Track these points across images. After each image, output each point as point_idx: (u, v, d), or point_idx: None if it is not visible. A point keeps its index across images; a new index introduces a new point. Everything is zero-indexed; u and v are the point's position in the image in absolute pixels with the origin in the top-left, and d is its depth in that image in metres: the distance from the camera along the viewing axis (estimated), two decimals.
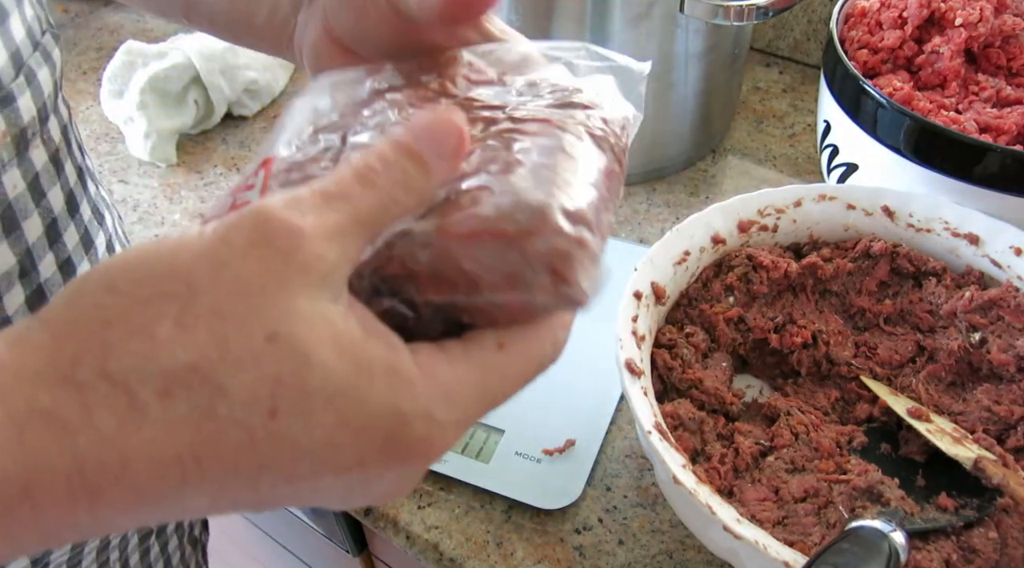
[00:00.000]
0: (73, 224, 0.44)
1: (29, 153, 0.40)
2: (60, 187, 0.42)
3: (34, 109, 0.39)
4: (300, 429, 0.23)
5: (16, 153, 0.38)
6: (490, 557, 0.51)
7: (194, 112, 0.82)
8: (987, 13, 0.61)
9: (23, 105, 0.38)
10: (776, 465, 0.49)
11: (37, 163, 0.40)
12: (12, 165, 0.38)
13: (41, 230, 0.41)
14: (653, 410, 0.46)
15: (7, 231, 0.39)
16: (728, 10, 0.63)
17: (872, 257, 0.56)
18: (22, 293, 0.40)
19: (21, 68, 0.38)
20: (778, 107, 0.86)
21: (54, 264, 0.42)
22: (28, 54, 0.39)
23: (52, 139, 0.41)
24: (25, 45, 0.39)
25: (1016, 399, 0.50)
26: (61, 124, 0.43)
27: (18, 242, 0.39)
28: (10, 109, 0.38)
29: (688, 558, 0.51)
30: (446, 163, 0.26)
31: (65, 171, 0.43)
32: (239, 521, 0.99)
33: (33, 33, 0.40)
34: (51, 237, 0.42)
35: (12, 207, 0.39)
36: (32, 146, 0.40)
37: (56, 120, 0.42)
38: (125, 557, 0.56)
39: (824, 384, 0.55)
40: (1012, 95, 0.60)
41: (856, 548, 0.40)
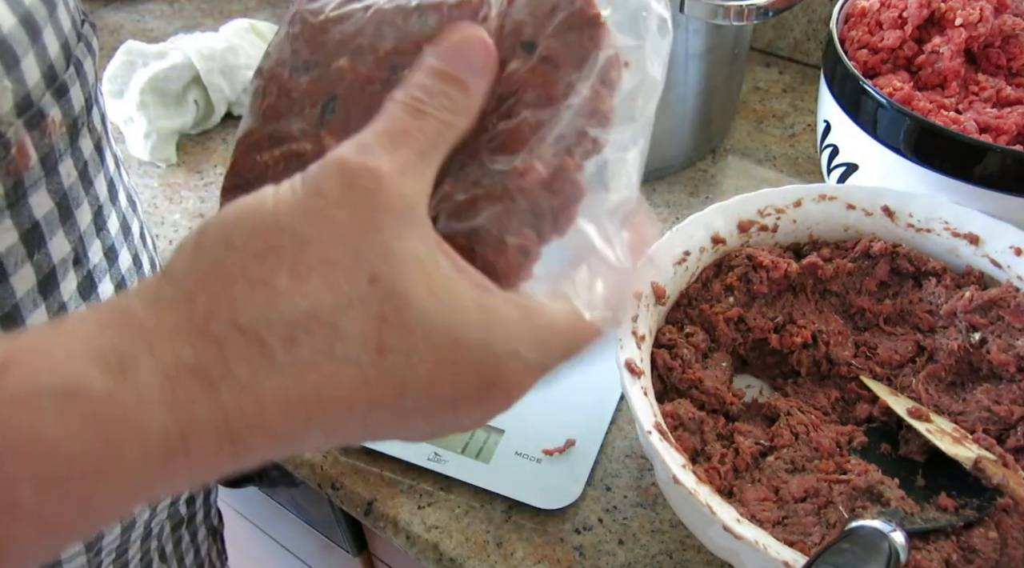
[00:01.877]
0: (115, 211, 0.45)
1: (79, 142, 0.40)
2: (103, 175, 0.43)
3: (83, 98, 0.40)
4: (404, 365, 0.24)
5: (70, 142, 0.39)
6: (490, 557, 0.51)
7: (194, 112, 0.82)
8: (987, 13, 0.61)
9: (74, 95, 0.39)
10: (776, 465, 0.49)
11: (85, 152, 0.41)
12: (67, 154, 0.39)
13: (90, 217, 0.42)
14: (653, 410, 0.46)
15: (63, 219, 0.39)
16: (728, 10, 0.63)
17: (872, 257, 0.56)
18: (75, 280, 0.41)
19: (70, 58, 0.39)
20: (778, 107, 0.86)
21: (101, 251, 0.43)
22: (75, 44, 0.40)
23: (95, 128, 0.42)
24: (72, 35, 0.39)
25: (1016, 399, 0.50)
26: (101, 113, 0.44)
27: (72, 229, 0.40)
28: (64, 99, 0.38)
29: (688, 558, 0.51)
30: (482, 78, 0.28)
31: (106, 159, 0.44)
32: (239, 521, 0.99)
33: (76, 23, 0.41)
34: (98, 224, 0.43)
35: (67, 196, 0.39)
36: (81, 136, 0.40)
37: (97, 109, 0.43)
38: (161, 545, 0.57)
39: (824, 384, 0.55)
40: (1012, 95, 0.60)
41: (856, 548, 0.40)
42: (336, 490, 0.56)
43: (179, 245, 0.25)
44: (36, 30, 0.36)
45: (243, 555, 1.09)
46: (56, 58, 0.37)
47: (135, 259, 0.48)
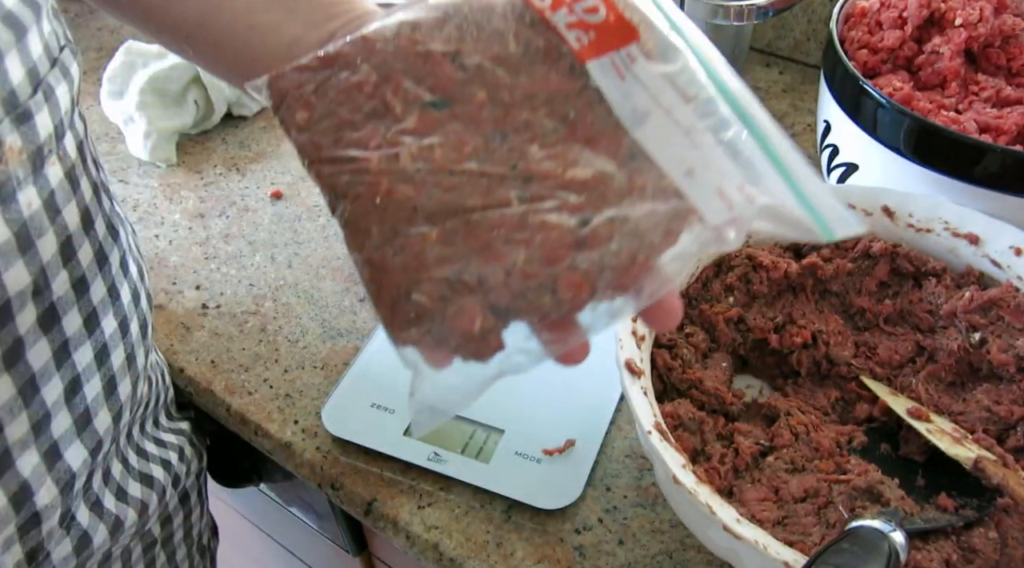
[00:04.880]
0: (88, 241, 0.43)
1: (45, 170, 0.39)
2: (75, 204, 0.42)
3: (51, 126, 0.39)
4: None
5: (32, 170, 0.38)
6: (490, 557, 0.51)
7: (194, 112, 0.82)
8: (987, 13, 0.61)
9: (40, 122, 0.38)
10: (776, 465, 0.49)
11: (52, 180, 0.39)
12: (28, 183, 0.38)
13: (56, 248, 0.40)
14: (653, 410, 0.46)
15: (22, 249, 0.38)
16: (728, 10, 0.63)
17: (872, 257, 0.56)
18: (34, 312, 0.40)
19: (39, 84, 0.38)
20: (778, 107, 0.86)
21: (68, 282, 0.42)
22: (46, 70, 0.39)
23: (68, 155, 0.41)
24: (42, 61, 0.38)
25: (1016, 399, 0.50)
26: (77, 140, 0.42)
27: (33, 260, 0.39)
28: (27, 126, 0.37)
29: (688, 558, 0.51)
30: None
31: (81, 187, 0.42)
32: (240, 521, 0.99)
33: (51, 49, 0.40)
34: (65, 255, 0.41)
35: (27, 225, 0.38)
36: (48, 163, 0.39)
37: (72, 136, 0.42)
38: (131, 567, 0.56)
39: (824, 384, 0.55)
40: (1012, 95, 0.60)
41: (856, 548, 0.40)
42: (336, 490, 0.56)
43: None
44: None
45: (243, 555, 1.09)
46: (20, 84, 0.36)
47: (111, 290, 0.46)
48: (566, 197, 0.32)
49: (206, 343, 0.65)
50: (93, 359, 0.45)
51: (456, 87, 0.34)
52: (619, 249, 0.31)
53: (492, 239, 0.31)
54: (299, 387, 0.62)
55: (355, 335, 0.65)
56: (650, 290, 0.32)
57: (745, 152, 0.33)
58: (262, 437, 0.60)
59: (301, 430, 0.59)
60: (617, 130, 0.33)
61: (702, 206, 0.32)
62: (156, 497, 0.56)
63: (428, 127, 0.33)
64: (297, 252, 0.72)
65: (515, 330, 0.32)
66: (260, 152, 0.83)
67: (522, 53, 0.35)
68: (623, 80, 0.34)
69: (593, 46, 0.34)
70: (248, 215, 0.76)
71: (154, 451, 0.57)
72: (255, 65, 0.41)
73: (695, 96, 0.34)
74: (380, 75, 0.34)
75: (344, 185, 0.33)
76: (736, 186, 0.32)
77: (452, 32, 0.35)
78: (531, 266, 0.31)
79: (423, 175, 0.33)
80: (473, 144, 0.33)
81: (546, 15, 0.35)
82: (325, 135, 0.34)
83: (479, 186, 0.32)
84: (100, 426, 0.46)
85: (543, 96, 0.34)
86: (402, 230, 0.32)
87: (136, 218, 0.76)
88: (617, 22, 0.34)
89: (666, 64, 0.34)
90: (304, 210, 0.76)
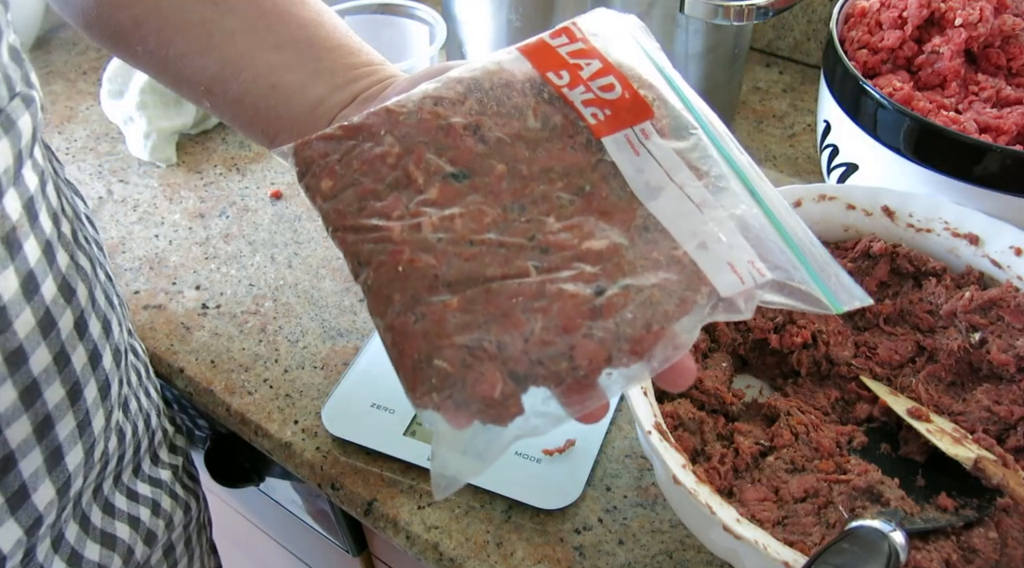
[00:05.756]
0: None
1: (1, 201, 0.37)
2: (14, 271, 0.38)
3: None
4: None
5: None
6: (490, 557, 0.51)
7: (194, 112, 0.82)
8: (987, 13, 0.61)
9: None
10: (776, 465, 0.49)
11: (13, 216, 0.37)
12: None
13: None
14: (653, 410, 0.46)
15: None
16: (728, 10, 0.63)
17: (872, 257, 0.56)
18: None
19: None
20: (778, 107, 0.86)
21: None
22: (5, 101, 0.37)
23: (8, 216, 0.38)
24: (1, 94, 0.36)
25: (1016, 399, 0.50)
26: (24, 198, 0.39)
27: None
28: None
29: (688, 558, 0.51)
30: None
31: (24, 251, 0.39)
32: (239, 521, 0.99)
33: (12, 82, 0.37)
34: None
35: None
36: (3, 196, 0.37)
37: (17, 194, 0.38)
38: None
39: (824, 384, 0.55)
40: (1012, 95, 0.60)
41: (856, 548, 0.40)
42: (336, 490, 0.56)
43: None
44: None
45: (243, 555, 1.09)
46: None
47: (57, 357, 0.42)
48: (582, 267, 0.33)
49: (206, 343, 0.65)
50: (32, 433, 0.41)
51: (476, 160, 0.35)
52: (634, 318, 0.32)
53: (511, 307, 0.32)
54: (299, 387, 0.62)
55: (355, 335, 0.65)
56: (663, 356, 0.32)
57: (755, 226, 0.34)
58: (262, 437, 0.60)
59: (301, 430, 0.59)
60: (631, 203, 0.35)
61: (714, 278, 0.33)
62: (119, 559, 0.51)
63: (449, 198, 0.35)
64: (297, 252, 0.72)
65: (534, 394, 0.32)
66: (260, 152, 0.83)
67: (540, 127, 0.36)
68: (638, 155, 0.35)
69: (609, 122, 0.36)
70: (248, 215, 0.76)
71: (123, 507, 0.53)
72: (277, 124, 0.41)
73: (707, 172, 0.35)
74: (403, 147, 0.35)
75: (367, 253, 0.34)
76: (746, 260, 0.33)
77: (473, 106, 0.36)
78: (548, 334, 0.32)
79: (444, 245, 0.34)
80: (492, 215, 0.34)
81: (564, 92, 0.37)
82: (349, 204, 0.35)
83: (498, 256, 0.33)
84: (40, 501, 0.42)
85: (560, 169, 0.35)
86: (423, 298, 0.33)
87: (136, 218, 0.76)
88: (632, 100, 0.36)
89: (679, 141, 0.36)
90: (304, 210, 0.76)
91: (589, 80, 0.37)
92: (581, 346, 0.32)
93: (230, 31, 0.41)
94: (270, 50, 0.40)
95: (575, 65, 0.37)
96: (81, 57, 0.97)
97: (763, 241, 0.34)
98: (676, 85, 0.38)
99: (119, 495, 0.53)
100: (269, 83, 0.40)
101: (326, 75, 0.40)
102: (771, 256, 0.34)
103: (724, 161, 0.36)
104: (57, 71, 0.95)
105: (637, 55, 0.38)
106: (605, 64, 0.37)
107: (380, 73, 0.41)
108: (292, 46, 0.41)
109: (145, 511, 0.54)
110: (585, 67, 0.37)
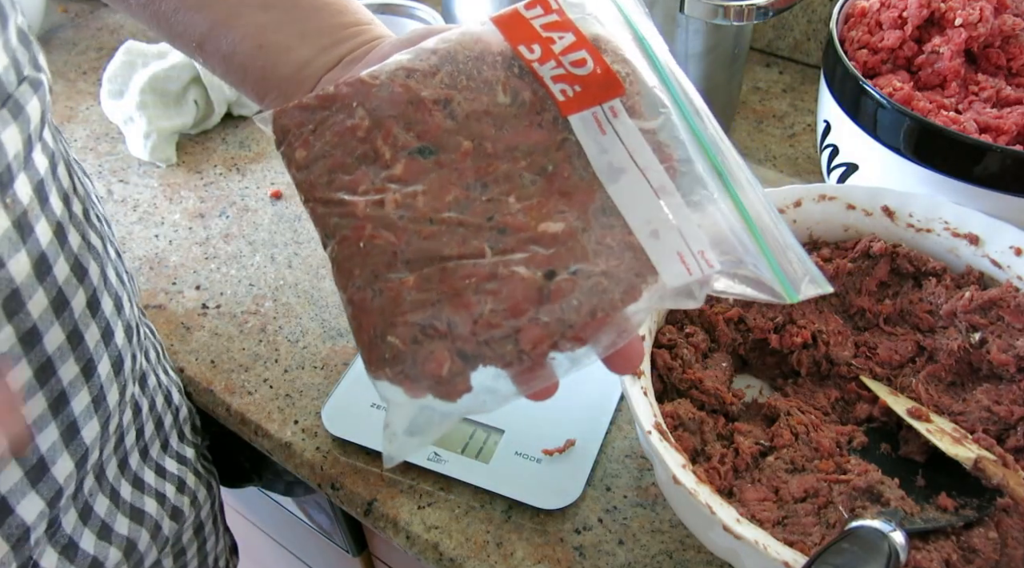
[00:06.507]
0: (43, 290, 0.40)
1: (13, 187, 0.37)
2: (26, 253, 0.39)
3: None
4: None
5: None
6: (490, 557, 0.51)
7: (194, 112, 0.82)
8: (987, 13, 0.61)
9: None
10: (776, 465, 0.49)
11: (24, 199, 0.38)
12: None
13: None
14: (653, 410, 0.46)
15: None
16: (728, 10, 0.63)
17: (872, 257, 0.56)
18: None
19: (6, 100, 0.36)
20: (778, 107, 0.86)
21: (14, 337, 0.39)
22: (14, 86, 0.37)
23: (19, 201, 0.38)
24: (8, 79, 0.37)
25: (1016, 399, 0.50)
26: (34, 181, 0.40)
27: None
28: None
29: (688, 558, 0.51)
30: None
31: (35, 232, 0.39)
32: (240, 521, 0.99)
33: (20, 66, 0.38)
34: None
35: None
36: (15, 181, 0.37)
37: (27, 178, 0.39)
38: None
39: (824, 384, 0.55)
40: (1012, 95, 0.60)
41: (856, 548, 0.40)
42: (336, 490, 0.56)
43: None
44: None
45: (243, 555, 1.09)
46: None
47: (91, 301, 0.43)
48: (536, 250, 0.34)
49: (206, 343, 0.65)
50: (47, 409, 0.42)
51: (444, 136, 0.35)
52: (579, 304, 0.33)
53: (463, 288, 0.33)
54: (299, 387, 0.62)
55: None
56: (608, 341, 0.33)
57: (713, 213, 0.34)
58: (262, 437, 0.60)
59: (301, 430, 0.59)
60: (592, 184, 0.35)
61: (662, 268, 0.33)
62: (147, 534, 0.53)
63: (414, 175, 0.35)
64: (297, 252, 0.72)
65: (483, 372, 0.33)
66: (260, 152, 0.83)
67: (509, 103, 0.36)
68: (604, 134, 0.35)
69: (577, 99, 0.36)
70: (248, 215, 0.76)
71: (152, 482, 0.54)
72: (265, 84, 0.41)
73: (672, 154, 0.35)
74: (373, 120, 0.36)
75: (333, 226, 0.35)
76: (696, 251, 0.34)
77: (444, 79, 0.36)
78: (496, 317, 0.33)
79: (405, 222, 0.34)
80: (455, 193, 0.35)
81: (534, 67, 0.36)
82: (320, 176, 0.36)
83: (456, 235, 0.34)
84: (60, 474, 0.43)
85: (525, 148, 0.35)
86: (382, 274, 0.34)
87: (136, 218, 0.76)
88: (604, 75, 0.36)
89: (648, 120, 0.35)
90: (304, 210, 0.76)
91: (561, 55, 0.36)
92: (527, 330, 0.32)
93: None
94: (257, 8, 0.40)
95: (547, 38, 0.37)
96: (81, 57, 0.97)
97: (720, 227, 0.34)
98: (655, 55, 0.37)
99: (148, 470, 0.54)
100: (256, 43, 0.40)
101: (312, 36, 0.40)
102: (725, 243, 0.34)
103: (694, 141, 0.35)
104: (57, 71, 0.95)
105: (616, 26, 0.38)
106: (579, 38, 0.36)
107: (367, 34, 0.41)
108: (279, 4, 0.41)
109: (171, 488, 0.56)
110: (558, 41, 0.36)
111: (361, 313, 0.34)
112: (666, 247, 0.34)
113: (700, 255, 0.33)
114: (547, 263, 0.33)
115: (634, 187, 0.34)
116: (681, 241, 0.34)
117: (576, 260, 0.33)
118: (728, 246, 0.34)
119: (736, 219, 0.34)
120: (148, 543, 0.53)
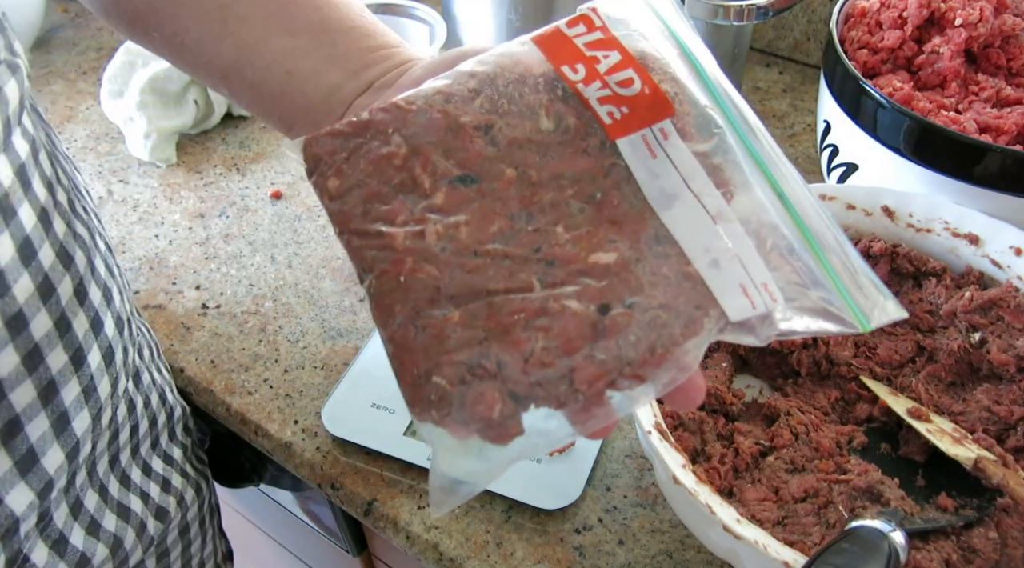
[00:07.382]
0: (28, 275, 0.40)
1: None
2: (10, 236, 0.39)
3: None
4: None
5: None
6: (490, 557, 0.51)
7: (194, 112, 0.82)
8: (987, 13, 0.61)
9: None
10: (776, 465, 0.49)
11: (5, 182, 0.38)
12: None
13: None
14: (653, 410, 0.46)
15: None
16: (728, 10, 0.63)
17: (872, 257, 0.56)
18: None
19: None
20: (778, 107, 0.86)
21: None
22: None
23: (0, 183, 0.38)
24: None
25: (1016, 399, 0.50)
26: (15, 165, 0.39)
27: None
28: None
29: (688, 558, 0.51)
30: None
31: (19, 216, 0.39)
32: (239, 521, 0.99)
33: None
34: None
35: None
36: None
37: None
38: None
39: (824, 384, 0.55)
40: (1012, 95, 0.60)
41: (856, 548, 0.40)
42: (336, 490, 0.56)
43: None
44: None
45: (243, 555, 1.09)
46: None
47: (58, 322, 0.42)
48: (587, 282, 0.32)
49: (206, 343, 0.65)
50: (36, 397, 0.42)
51: (485, 164, 0.34)
52: (637, 339, 0.31)
53: (512, 324, 0.31)
54: (299, 387, 0.62)
55: (355, 335, 0.65)
56: (668, 378, 0.31)
57: (775, 241, 0.32)
58: (262, 437, 0.60)
59: (301, 430, 0.59)
60: (644, 212, 0.33)
61: (724, 300, 0.31)
62: (133, 532, 0.52)
63: (455, 204, 0.33)
64: (297, 252, 0.72)
65: (535, 412, 0.31)
66: (260, 152, 0.83)
67: (552, 129, 0.34)
68: (654, 157, 0.33)
69: (624, 122, 0.34)
70: (248, 215, 0.76)
71: (137, 481, 0.54)
72: (293, 110, 0.40)
73: (728, 178, 0.33)
74: (410, 147, 0.34)
75: (371, 260, 0.33)
76: (760, 283, 0.31)
77: (484, 104, 0.34)
78: (548, 355, 0.31)
79: (447, 255, 0.32)
80: (499, 224, 0.33)
81: (579, 88, 0.34)
82: (355, 206, 0.34)
83: (502, 268, 0.32)
84: (50, 465, 0.43)
85: (571, 175, 0.33)
86: (424, 310, 0.32)
87: (136, 218, 0.76)
88: (653, 95, 0.34)
89: (700, 142, 0.33)
90: (304, 210, 0.76)
91: (606, 75, 0.34)
92: (581, 369, 0.31)
93: (244, 16, 0.40)
94: (284, 34, 0.40)
95: (592, 58, 0.35)
96: (81, 57, 0.97)
97: (783, 256, 0.32)
98: (704, 71, 0.35)
99: (135, 468, 0.54)
100: (284, 69, 0.40)
101: (341, 61, 0.39)
102: (790, 270, 0.32)
103: (751, 161, 0.33)
104: (57, 71, 0.95)
105: (661, 39, 0.36)
106: (625, 56, 0.34)
107: (396, 57, 0.40)
108: (306, 30, 0.40)
109: (155, 487, 0.55)
110: (603, 60, 0.35)
111: (403, 352, 0.32)
112: (728, 278, 0.31)
113: (763, 287, 0.31)
114: (600, 296, 0.31)
115: (690, 214, 0.32)
116: (743, 272, 0.32)
117: (631, 292, 0.31)
118: (795, 273, 0.32)
119: (801, 242, 0.32)
120: (134, 541, 0.53)
